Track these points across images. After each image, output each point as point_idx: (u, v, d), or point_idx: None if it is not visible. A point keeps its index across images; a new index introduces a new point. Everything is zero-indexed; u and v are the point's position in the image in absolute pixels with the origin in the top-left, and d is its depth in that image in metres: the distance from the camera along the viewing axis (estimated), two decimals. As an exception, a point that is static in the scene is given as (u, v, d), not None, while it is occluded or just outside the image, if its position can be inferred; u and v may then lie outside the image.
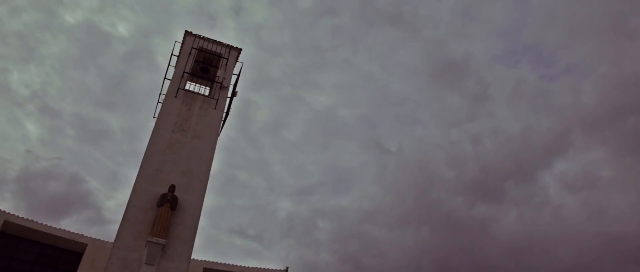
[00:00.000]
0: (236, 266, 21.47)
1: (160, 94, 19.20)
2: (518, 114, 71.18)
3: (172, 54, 19.85)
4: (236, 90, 19.90)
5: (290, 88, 73.41)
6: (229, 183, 63.86)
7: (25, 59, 56.08)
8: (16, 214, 19.61)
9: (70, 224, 54.84)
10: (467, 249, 58.73)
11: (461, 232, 60.87)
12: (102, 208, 57.77)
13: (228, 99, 19.73)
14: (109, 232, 56.56)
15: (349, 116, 75.27)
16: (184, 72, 19.39)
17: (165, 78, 19.43)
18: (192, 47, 20.20)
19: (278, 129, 70.93)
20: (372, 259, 60.75)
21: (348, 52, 76.37)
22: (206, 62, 20.50)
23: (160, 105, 18.64)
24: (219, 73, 19.94)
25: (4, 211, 19.33)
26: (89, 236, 20.45)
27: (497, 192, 64.07)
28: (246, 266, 21.77)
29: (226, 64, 20.41)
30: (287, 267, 21.84)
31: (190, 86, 19.75)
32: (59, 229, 20.09)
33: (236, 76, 20.23)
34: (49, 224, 20.04)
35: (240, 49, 21.00)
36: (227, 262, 21.47)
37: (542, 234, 57.75)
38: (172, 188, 15.82)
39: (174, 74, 19.45)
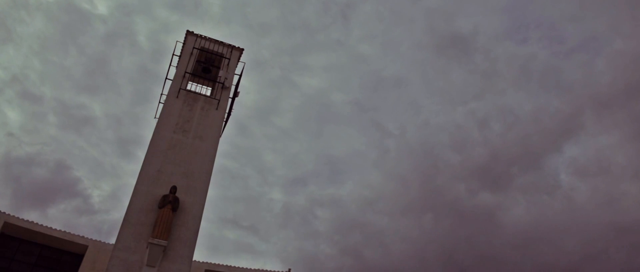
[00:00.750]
0: (238, 268, 21.30)
1: (161, 94, 19.12)
2: (527, 93, 67.18)
3: (173, 54, 19.77)
4: (238, 90, 19.79)
5: (279, 71, 69.66)
6: (218, 173, 62.05)
7: (2, 40, 52.98)
8: (16, 216, 19.47)
9: (58, 213, 53.24)
10: (472, 240, 56.17)
11: (466, 222, 58.46)
12: (90, 197, 56.44)
13: (230, 100, 19.65)
14: (97, 223, 55.57)
15: (343, 100, 71.97)
16: (186, 72, 19.32)
17: (166, 78, 19.36)
18: (194, 47, 20.10)
19: (268, 115, 67.79)
20: (374, 252, 59.08)
21: (340, 32, 72.43)
22: (208, 62, 20.40)
23: (161, 105, 18.57)
24: (221, 73, 19.84)
25: (4, 212, 19.18)
26: (89, 238, 20.32)
27: (504, 179, 60.34)
28: (248, 267, 21.60)
29: (228, 64, 20.30)
30: (290, 269, 21.66)
31: (191, 86, 19.63)
32: (60, 230, 19.96)
33: (238, 76, 20.13)
34: (48, 226, 19.92)
35: (242, 49, 20.90)
36: (229, 264, 21.30)
37: (551, 223, 54.89)
38: (174, 189, 15.73)
39: (176, 74, 19.36)
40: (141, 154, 58.56)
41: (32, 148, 53.01)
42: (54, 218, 52.26)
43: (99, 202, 57.41)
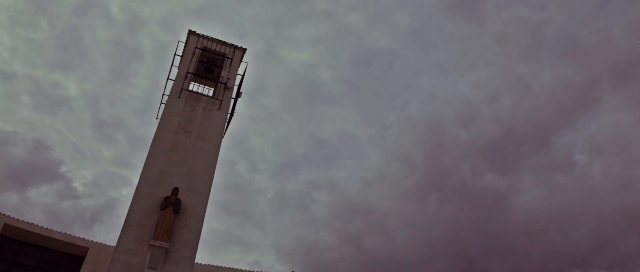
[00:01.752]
0: (242, 270, 21.06)
1: (163, 94, 19.04)
2: (540, 63, 62.74)
3: (175, 54, 19.67)
4: (241, 91, 19.61)
5: (263, 44, 64.78)
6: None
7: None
8: (17, 218, 19.28)
9: (39, 197, 51.54)
10: (480, 226, 52.79)
11: (474, 205, 55.05)
12: (73, 181, 54.21)
13: (232, 100, 19.48)
14: (81, 208, 53.52)
15: (333, 77, 67.64)
16: (188, 72, 19.17)
17: (168, 78, 19.27)
18: (196, 47, 19.96)
19: (253, 94, 63.47)
20: (376, 239, 56.01)
21: (327, 1, 67.40)
22: (210, 62, 20.25)
23: (163, 106, 18.51)
24: (223, 73, 19.69)
25: (4, 214, 19.00)
26: (90, 240, 20.17)
27: (514, 159, 56.71)
28: (252, 270, 21.37)
29: (230, 64, 20.16)
30: (293, 271, 21.43)
31: (193, 87, 19.50)
32: (60, 232, 19.80)
33: (241, 77, 19.99)
34: (50, 228, 19.72)
35: (245, 49, 20.74)
36: (232, 267, 21.07)
37: (562, 208, 51.18)
38: (175, 191, 15.60)
39: (177, 74, 19.25)
40: (121, 138, 56.32)
41: (7, 127, 50.54)
42: (35, 203, 50.46)
43: (82, 185, 55.19)
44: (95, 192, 56.50)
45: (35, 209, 50.73)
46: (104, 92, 59.43)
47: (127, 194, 56.71)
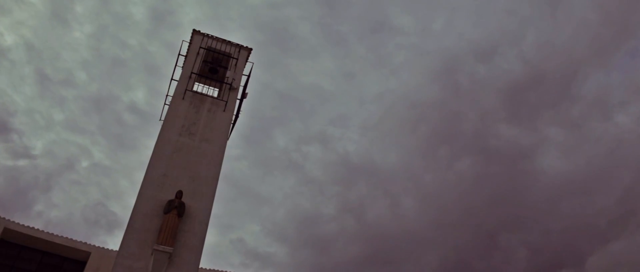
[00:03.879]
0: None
1: (166, 95, 18.89)
2: None
3: (179, 54, 19.42)
4: (246, 91, 19.28)
5: None
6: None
7: None
8: (17, 222, 18.96)
9: None
10: (497, 189, 46.04)
11: (491, 163, 47.96)
12: (23, 136, 48.11)
13: (238, 101, 19.24)
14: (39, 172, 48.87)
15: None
16: (192, 72, 18.94)
17: (172, 79, 19.00)
18: (200, 47, 19.71)
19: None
20: (379, 208, 49.92)
21: None
22: (215, 62, 19.96)
23: (166, 107, 18.24)
24: (229, 74, 19.47)
25: (4, 218, 18.68)
26: (92, 244, 19.89)
27: (539, 106, 48.94)
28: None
29: (236, 64, 19.87)
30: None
31: (198, 87, 19.28)
32: (62, 237, 19.51)
33: (246, 77, 19.74)
34: (50, 232, 19.43)
35: (251, 49, 20.49)
36: (236, 272, 20.63)
37: (590, 170, 44.69)
38: (179, 194, 15.40)
39: (181, 74, 19.01)
40: (68, 96, 50.70)
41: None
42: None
43: (39, 151, 49.56)
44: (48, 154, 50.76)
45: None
46: (46, 48, 51.55)
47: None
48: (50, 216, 48.07)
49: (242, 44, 20.35)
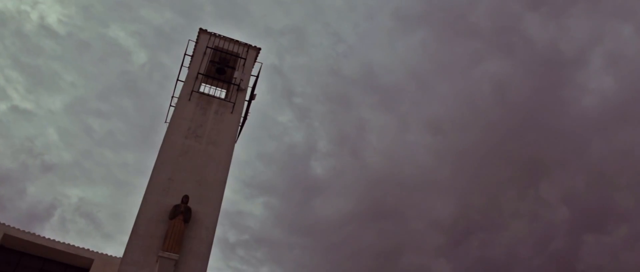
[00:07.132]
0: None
1: (172, 96, 18.59)
2: None
3: (185, 54, 19.09)
4: (255, 92, 18.83)
5: None
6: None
7: None
8: (17, 227, 18.51)
9: None
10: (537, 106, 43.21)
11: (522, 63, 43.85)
12: None
13: (246, 103, 18.85)
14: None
15: None
16: (199, 73, 18.61)
17: (177, 80, 18.68)
18: (207, 47, 19.35)
19: None
20: (376, 156, 47.75)
21: None
22: (222, 62, 19.57)
23: (172, 109, 17.96)
24: (236, 74, 19.11)
25: (4, 224, 18.29)
26: (95, 251, 19.45)
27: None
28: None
29: (244, 65, 19.50)
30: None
31: (204, 88, 18.89)
32: (63, 243, 19.13)
33: (255, 77, 19.37)
34: (51, 238, 18.97)
35: (259, 49, 20.07)
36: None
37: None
38: (186, 199, 15.16)
39: (188, 75, 18.66)
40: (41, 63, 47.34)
41: None
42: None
43: None
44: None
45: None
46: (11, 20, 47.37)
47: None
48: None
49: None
